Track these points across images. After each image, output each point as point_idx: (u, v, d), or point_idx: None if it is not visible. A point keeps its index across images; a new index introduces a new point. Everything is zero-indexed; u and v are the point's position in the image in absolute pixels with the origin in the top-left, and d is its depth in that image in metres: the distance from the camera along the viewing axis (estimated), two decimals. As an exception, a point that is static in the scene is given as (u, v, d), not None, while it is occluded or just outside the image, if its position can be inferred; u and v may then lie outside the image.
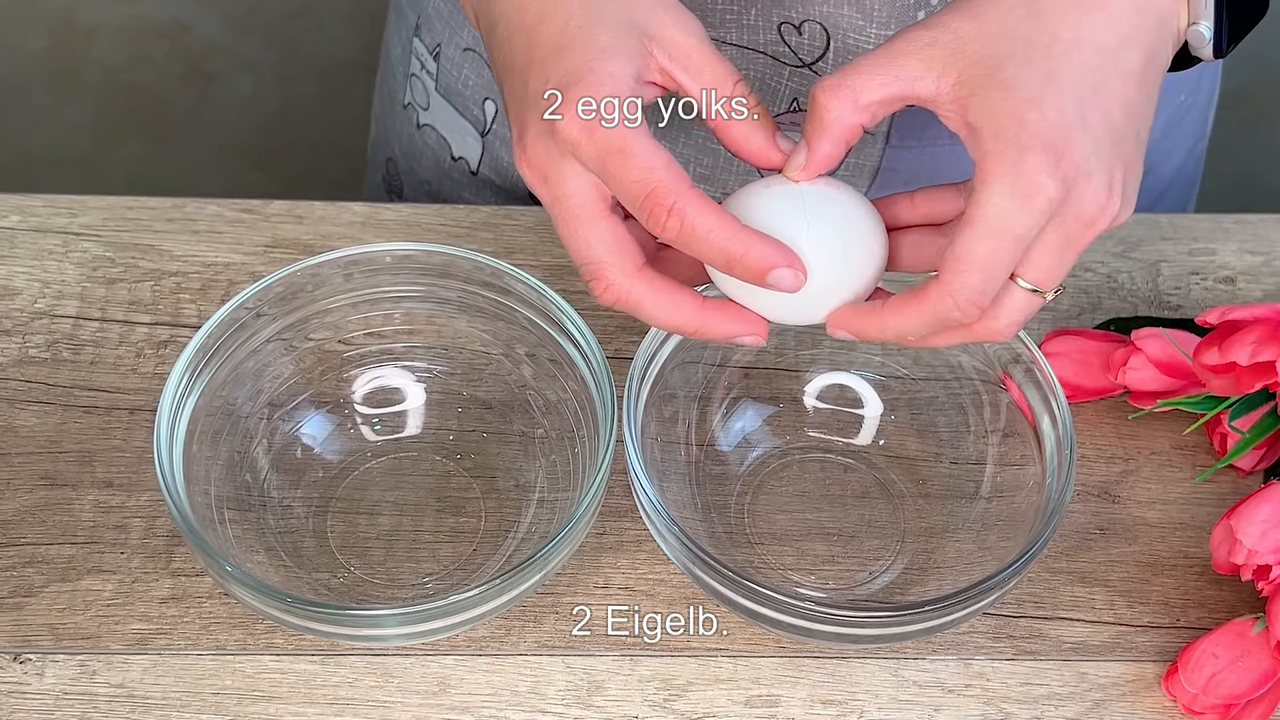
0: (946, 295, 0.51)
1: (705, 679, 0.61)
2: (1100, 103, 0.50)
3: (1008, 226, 0.49)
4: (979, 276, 0.50)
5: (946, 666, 0.62)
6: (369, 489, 0.65)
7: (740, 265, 0.51)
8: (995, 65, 0.50)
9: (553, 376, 0.65)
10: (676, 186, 0.50)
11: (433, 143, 0.83)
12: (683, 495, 0.65)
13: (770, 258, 0.51)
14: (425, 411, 0.67)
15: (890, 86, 0.51)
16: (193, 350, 0.60)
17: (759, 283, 0.51)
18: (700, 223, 0.50)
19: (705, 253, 0.50)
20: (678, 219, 0.50)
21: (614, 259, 0.52)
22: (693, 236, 0.50)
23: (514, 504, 0.65)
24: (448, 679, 0.61)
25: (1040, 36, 0.50)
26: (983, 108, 0.50)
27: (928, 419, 0.67)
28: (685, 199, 0.50)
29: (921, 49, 0.51)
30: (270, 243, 0.74)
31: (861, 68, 0.52)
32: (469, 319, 0.67)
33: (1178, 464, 0.68)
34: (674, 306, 0.52)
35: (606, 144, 0.50)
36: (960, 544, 0.64)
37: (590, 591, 0.63)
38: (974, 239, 0.50)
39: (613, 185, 0.50)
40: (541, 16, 0.52)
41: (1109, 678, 0.62)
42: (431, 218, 0.75)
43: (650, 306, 0.52)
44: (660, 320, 0.53)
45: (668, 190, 0.50)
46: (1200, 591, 0.65)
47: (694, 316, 0.53)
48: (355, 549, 0.64)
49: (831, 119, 0.52)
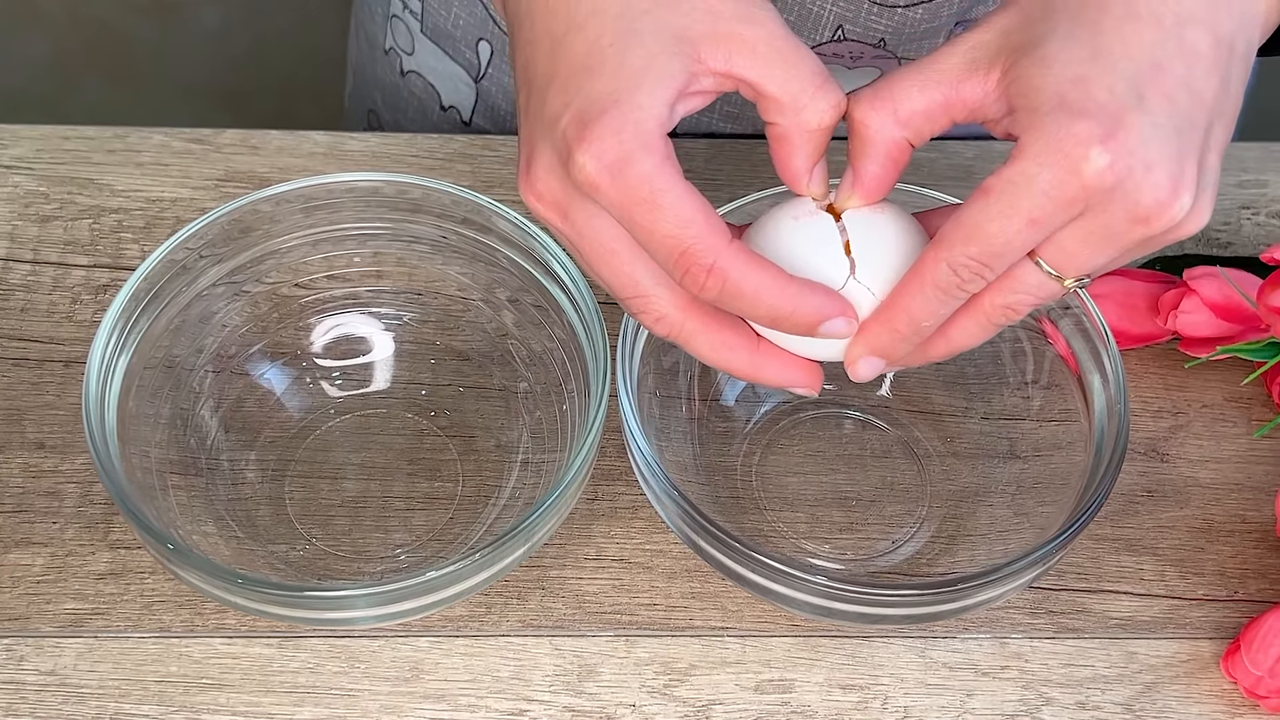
0: (940, 263, 0.44)
1: (710, 662, 0.55)
2: (1162, 84, 0.43)
3: (1027, 195, 0.43)
4: (979, 246, 0.44)
5: (980, 646, 0.56)
6: (332, 451, 0.58)
7: (789, 321, 0.46)
8: (1036, 43, 0.44)
9: (538, 324, 0.58)
10: (714, 242, 0.44)
11: (419, 91, 0.76)
12: (683, 456, 0.58)
13: (822, 309, 0.46)
14: (395, 363, 0.60)
15: (931, 90, 0.45)
16: (126, 296, 0.53)
17: (809, 334, 0.46)
18: (746, 282, 0.45)
19: (750, 312, 0.46)
20: (719, 280, 0.44)
21: (664, 292, 0.46)
22: (737, 297, 0.45)
23: (495, 466, 0.58)
24: (421, 663, 0.54)
25: (1087, 11, 0.43)
26: (1021, 88, 0.43)
27: (956, 369, 0.60)
28: (726, 257, 0.44)
29: (966, 50, 0.45)
30: (222, 176, 0.66)
31: (899, 75, 0.45)
32: (444, 260, 0.59)
33: (1232, 418, 0.62)
34: (726, 348, 0.48)
35: (633, 193, 0.44)
36: (993, 509, 0.58)
37: (581, 564, 0.57)
38: (984, 205, 0.43)
39: (640, 238, 0.45)
40: (570, 27, 0.45)
41: (1160, 657, 0.56)
42: (402, 148, 0.68)
43: (702, 345, 0.47)
44: (710, 358, 0.48)
45: (705, 248, 0.44)
46: (1261, 560, 0.58)
47: (746, 361, 0.48)
48: (317, 518, 0.57)
49: (872, 133, 0.45)
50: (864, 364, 0.48)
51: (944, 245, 0.44)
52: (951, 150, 0.69)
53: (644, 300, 0.46)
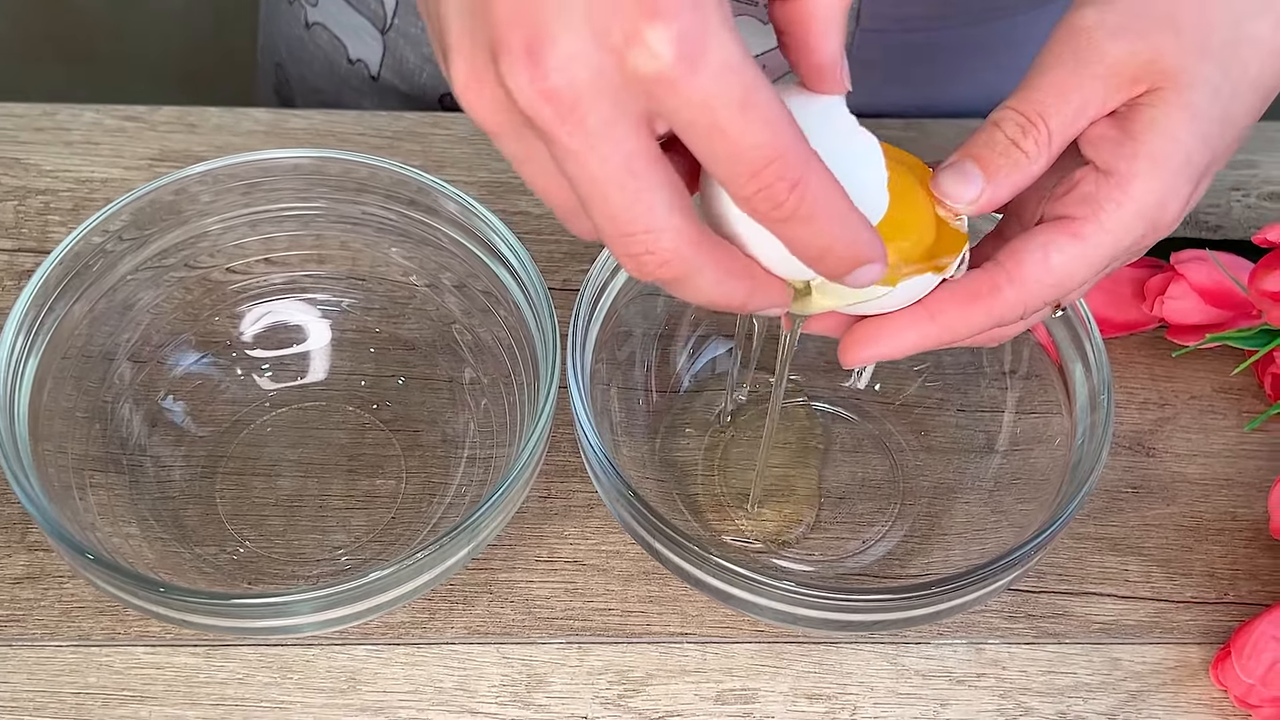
0: (1019, 305, 0.42)
1: (668, 670, 0.51)
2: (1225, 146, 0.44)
3: (1117, 248, 0.42)
4: (1060, 294, 0.42)
5: (954, 653, 0.52)
6: (266, 447, 0.55)
7: (834, 255, 0.38)
8: (1188, 85, 0.42)
9: (486, 311, 0.54)
10: (805, 152, 0.36)
11: (324, 44, 0.72)
12: (640, 451, 0.55)
13: (870, 249, 0.38)
14: (333, 353, 0.56)
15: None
16: (39, 282, 0.49)
17: (838, 276, 0.39)
18: (826, 203, 0.37)
19: (817, 235, 0.37)
20: (800, 197, 0.36)
21: (679, 223, 0.37)
22: (811, 218, 0.37)
23: (441, 462, 0.54)
24: (358, 674, 0.51)
25: (1237, 67, 0.43)
26: (1161, 129, 0.42)
27: (932, 359, 0.57)
28: (814, 169, 0.36)
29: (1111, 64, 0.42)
30: (157, 155, 0.63)
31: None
32: (391, 243, 0.56)
33: (1222, 410, 0.58)
34: (731, 278, 0.39)
35: (724, 90, 0.34)
36: (969, 507, 0.54)
37: (532, 566, 0.53)
38: (1081, 253, 0.41)
39: (713, 148, 0.35)
40: None
41: (1146, 664, 0.52)
42: (348, 126, 0.64)
43: (708, 281, 0.38)
44: (712, 294, 0.39)
45: (799, 158, 0.36)
46: (1252, 560, 0.55)
47: (748, 289, 0.39)
48: (249, 518, 0.53)
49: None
50: (866, 358, 0.43)
51: (1026, 286, 0.41)
52: (933, 130, 0.66)
53: (653, 236, 0.36)
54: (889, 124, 0.66)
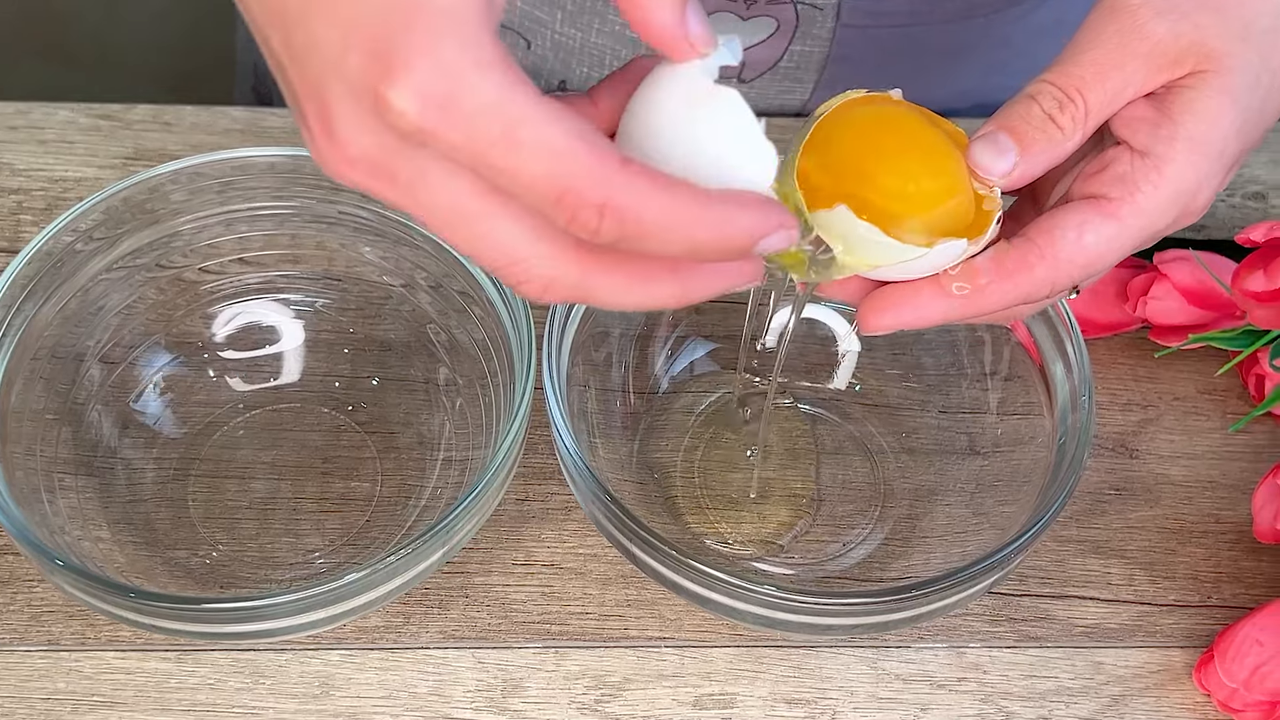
0: (1046, 284, 0.41)
1: (645, 675, 0.51)
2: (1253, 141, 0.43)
3: (1149, 229, 0.41)
4: (1090, 274, 0.41)
5: (935, 656, 0.52)
6: (239, 449, 0.54)
7: (715, 251, 0.35)
8: (1230, 69, 0.41)
9: (461, 311, 0.53)
10: (602, 173, 0.34)
11: None
12: (619, 453, 0.54)
13: (755, 227, 0.35)
14: (307, 354, 0.56)
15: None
16: (8, 281, 0.49)
17: (742, 258, 0.36)
18: (652, 213, 0.34)
19: (664, 249, 0.35)
20: (615, 219, 0.34)
21: (546, 249, 0.35)
22: (644, 236, 0.34)
23: (417, 464, 0.54)
24: (331, 679, 0.50)
25: (1276, 58, 0.42)
26: (1200, 112, 0.41)
27: (913, 360, 0.57)
28: (619, 188, 0.34)
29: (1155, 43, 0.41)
30: (131, 154, 0.62)
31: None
32: (366, 242, 0.55)
33: (1206, 411, 0.58)
34: (644, 282, 0.36)
35: (480, 132, 0.33)
36: (951, 509, 0.54)
37: (508, 570, 0.53)
38: (1116, 234, 0.41)
39: (503, 186, 0.34)
40: None
41: (1129, 668, 0.52)
42: (325, 125, 0.64)
43: (613, 293, 0.36)
44: (629, 303, 0.37)
45: (591, 182, 0.34)
46: (1236, 563, 0.54)
47: (674, 289, 0.37)
48: (222, 521, 0.52)
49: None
50: (886, 324, 0.42)
51: (1058, 264, 0.41)
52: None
53: (522, 267, 0.35)
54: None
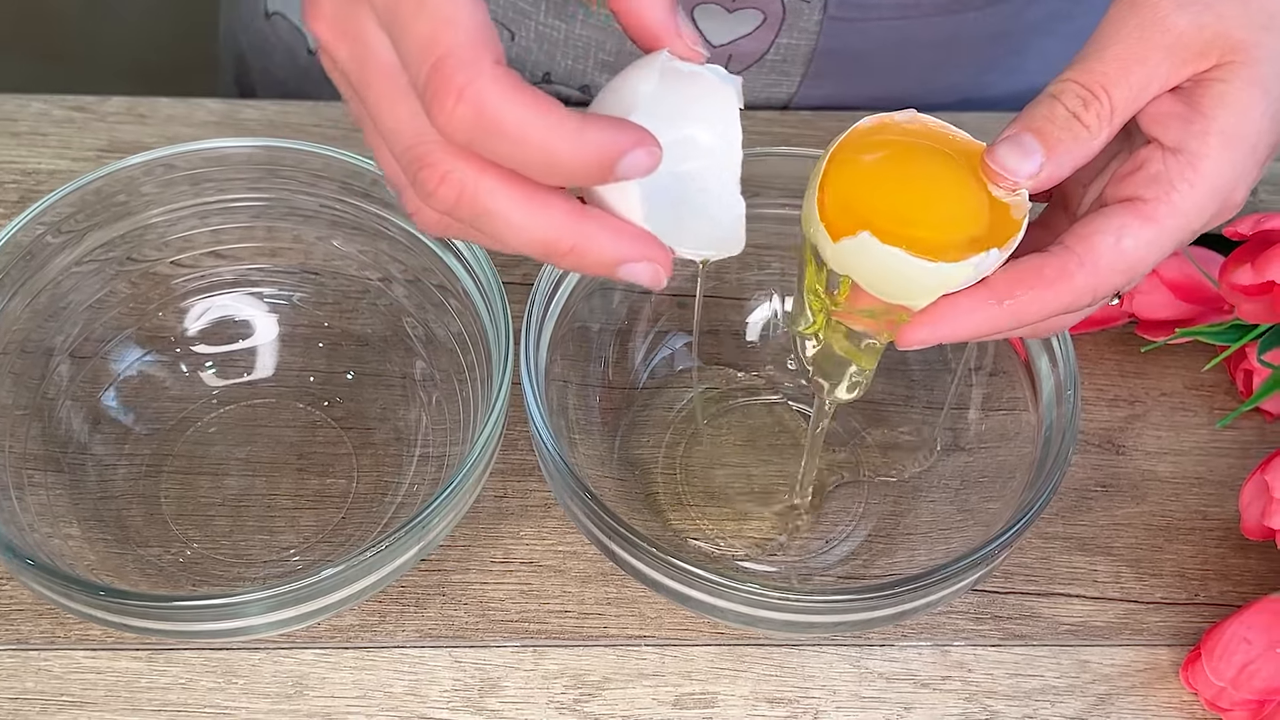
0: (1087, 291, 0.40)
1: (625, 674, 0.50)
2: None
3: (1185, 237, 0.40)
4: (1131, 279, 0.40)
5: (919, 655, 0.51)
6: (213, 445, 0.53)
7: (570, 165, 0.35)
8: (1258, 59, 0.40)
9: (439, 305, 0.53)
10: (475, 57, 0.34)
11: (285, 34, 0.71)
12: (599, 449, 0.53)
13: (615, 142, 0.35)
14: (283, 349, 0.55)
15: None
16: (-27, 273, 0.48)
17: (604, 179, 0.36)
18: (507, 111, 0.34)
19: (517, 156, 0.35)
20: (471, 107, 0.34)
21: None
22: (497, 133, 0.34)
23: (393, 460, 0.53)
24: (305, 678, 0.49)
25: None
26: (1231, 105, 0.40)
27: (897, 354, 0.56)
28: (485, 79, 0.34)
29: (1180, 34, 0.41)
30: (106, 146, 0.61)
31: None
32: (344, 236, 0.54)
33: (1193, 407, 0.57)
34: (537, 207, 0.36)
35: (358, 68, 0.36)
36: (935, 505, 0.53)
37: (486, 568, 0.52)
38: (1155, 237, 0.40)
39: (399, 47, 0.36)
40: None
41: (1115, 666, 0.51)
42: (304, 116, 0.63)
43: (504, 205, 0.36)
44: (518, 225, 0.36)
45: (460, 62, 0.34)
46: (1223, 560, 0.54)
47: (565, 225, 0.36)
48: (195, 518, 0.52)
49: None
50: (925, 338, 0.41)
51: (1099, 271, 0.40)
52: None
53: (424, 148, 0.36)
54: (847, 118, 0.64)
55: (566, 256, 0.37)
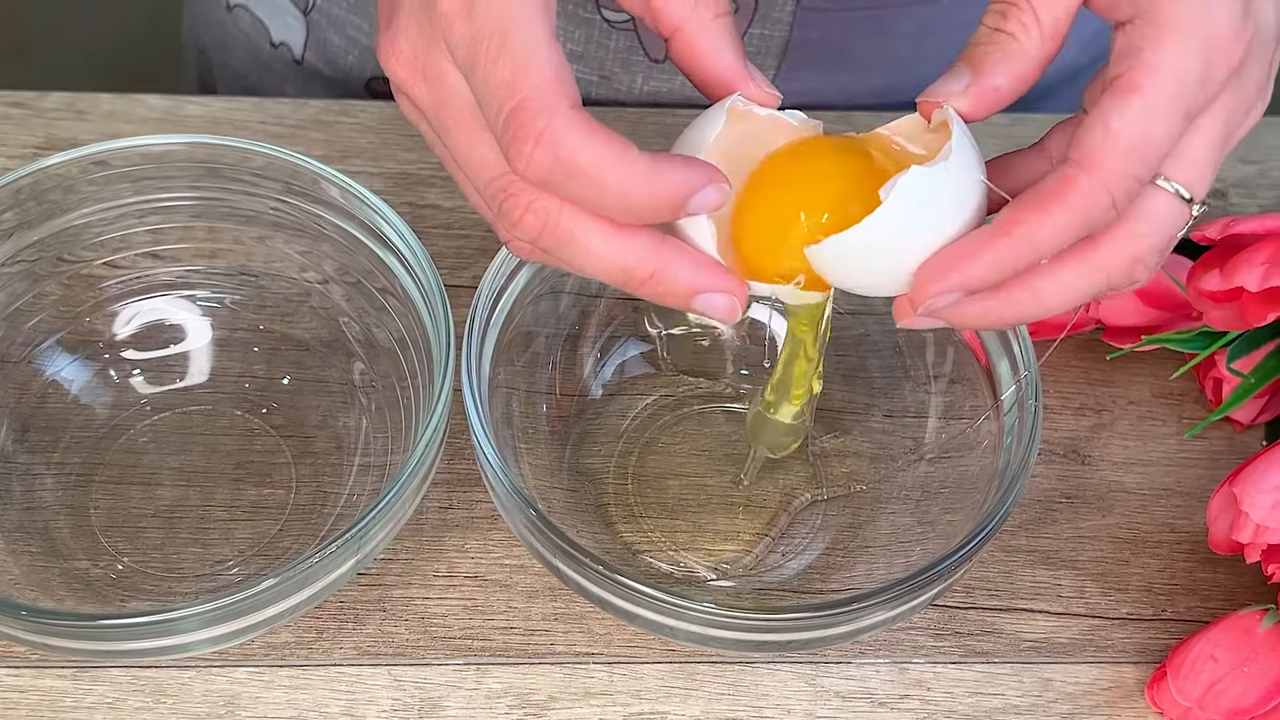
0: (1099, 189, 0.36)
1: (572, 693, 0.48)
2: None
3: (1180, 95, 0.36)
4: (1137, 159, 0.36)
5: (877, 673, 0.49)
6: (146, 454, 0.51)
7: (645, 205, 0.36)
8: None
9: (381, 309, 0.51)
10: (552, 102, 0.35)
11: (246, 27, 0.69)
12: (547, 459, 0.51)
13: (687, 182, 0.36)
14: (219, 354, 0.53)
15: None
16: (-110, 274, 0.46)
17: (675, 216, 0.37)
18: (585, 154, 0.35)
19: (594, 196, 0.36)
20: (549, 150, 0.35)
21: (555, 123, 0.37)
22: (574, 175, 0.36)
23: (334, 470, 0.51)
24: (237, 697, 0.47)
25: None
26: None
27: (857, 361, 0.54)
28: (561, 121, 0.35)
29: None
30: (42, 143, 0.59)
31: None
32: (286, 238, 0.53)
33: (1161, 416, 0.56)
34: (620, 236, 0.37)
35: (482, 27, 0.36)
36: (895, 517, 0.51)
37: (429, 582, 0.50)
38: (1143, 105, 0.36)
39: (476, 89, 0.37)
40: None
41: (1079, 684, 0.50)
42: (248, 113, 0.61)
43: (591, 236, 0.37)
44: (603, 255, 0.37)
45: (539, 106, 0.35)
46: (1191, 575, 0.52)
47: (649, 254, 0.37)
48: (125, 530, 0.50)
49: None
50: (938, 298, 0.38)
51: (1099, 165, 0.36)
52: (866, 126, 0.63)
53: (508, 180, 0.37)
54: (822, 116, 0.62)
55: (645, 284, 0.38)
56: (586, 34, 0.62)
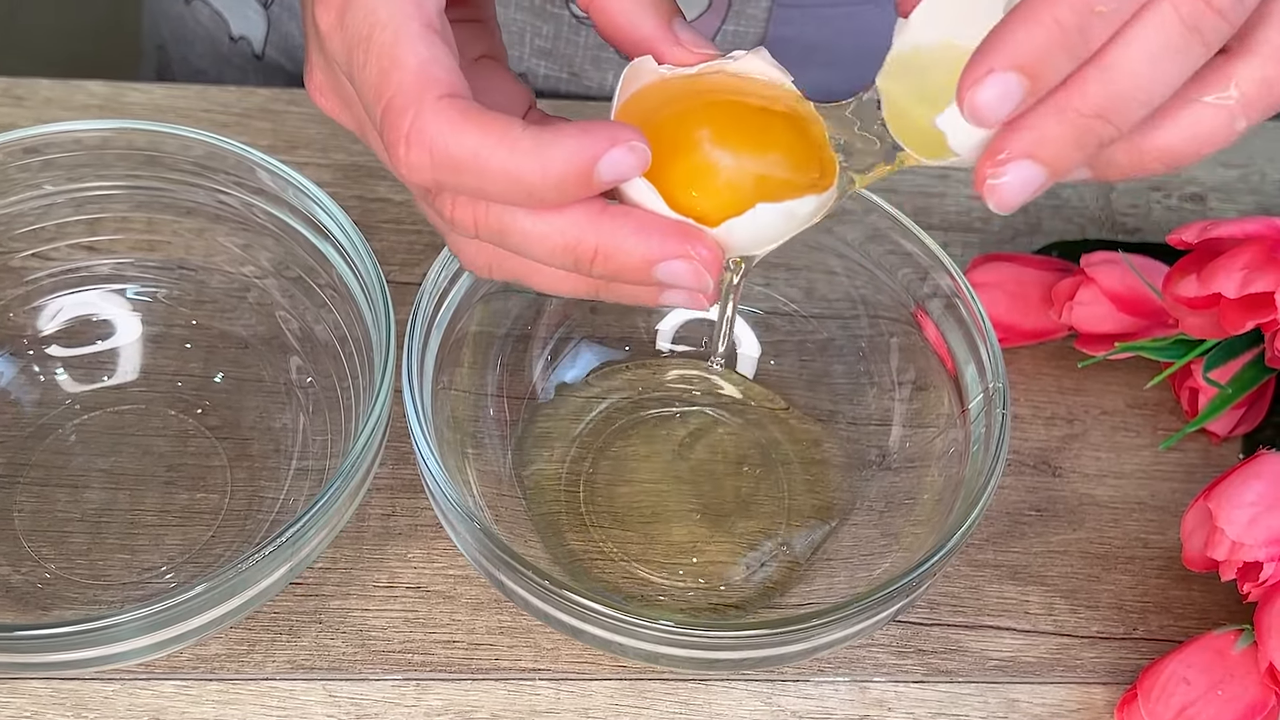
0: None
1: (515, 711, 0.46)
2: None
3: None
4: None
5: (836, 691, 0.47)
6: (73, 455, 0.49)
7: (544, 184, 0.33)
8: None
9: (322, 305, 0.48)
10: (418, 96, 0.33)
11: (206, 21, 0.67)
12: (495, 466, 0.49)
13: (580, 150, 0.33)
14: (153, 351, 0.50)
15: None
16: None
17: (588, 190, 0.34)
18: (459, 144, 0.32)
19: (490, 188, 0.33)
20: (422, 149, 0.32)
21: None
22: (456, 170, 0.33)
23: (271, 474, 0.49)
24: (163, 712, 0.45)
25: None
26: None
27: (821, 367, 0.52)
28: (427, 111, 0.32)
29: None
30: (-25, 130, 0.57)
31: None
32: (228, 232, 0.50)
33: (1135, 427, 0.54)
34: (550, 215, 0.34)
35: (352, 34, 0.34)
36: (858, 529, 0.49)
37: (369, 593, 0.48)
38: None
39: (360, 99, 0.35)
40: None
41: (1046, 705, 0.48)
42: (192, 102, 0.59)
43: (517, 215, 0.34)
44: (540, 238, 0.34)
45: (405, 104, 0.33)
46: (1164, 592, 0.50)
47: (586, 225, 0.34)
48: (50, 535, 0.47)
49: None
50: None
51: None
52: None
53: (405, 116, 0.33)
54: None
55: (595, 264, 0.34)
56: (555, 29, 0.59)
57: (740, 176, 0.36)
